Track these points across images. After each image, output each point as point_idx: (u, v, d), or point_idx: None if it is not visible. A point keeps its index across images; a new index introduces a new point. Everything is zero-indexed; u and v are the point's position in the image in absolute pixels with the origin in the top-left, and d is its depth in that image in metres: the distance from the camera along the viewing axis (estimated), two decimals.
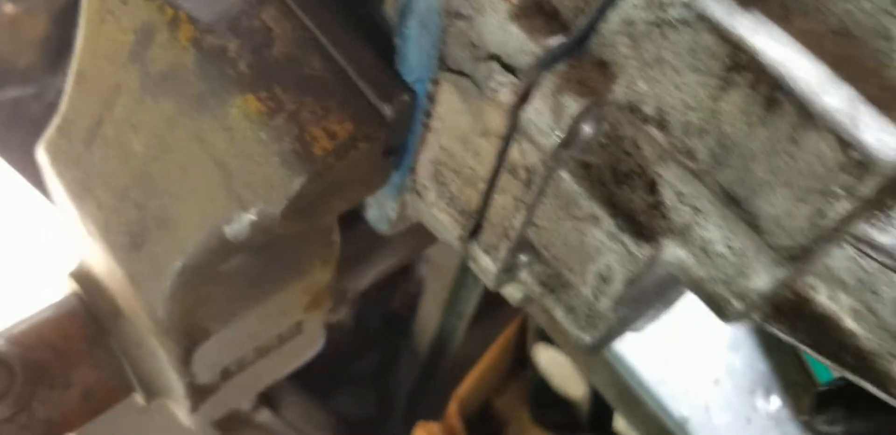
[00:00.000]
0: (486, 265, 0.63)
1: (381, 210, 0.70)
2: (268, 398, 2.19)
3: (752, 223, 0.46)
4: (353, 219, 0.76)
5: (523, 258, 0.63)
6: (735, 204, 0.46)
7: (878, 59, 0.43)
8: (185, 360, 0.70)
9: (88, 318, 0.76)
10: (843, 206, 0.42)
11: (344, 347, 2.37)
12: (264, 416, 2.13)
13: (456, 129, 0.57)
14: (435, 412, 1.97)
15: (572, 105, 0.47)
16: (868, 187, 0.42)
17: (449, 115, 0.57)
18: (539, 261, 0.62)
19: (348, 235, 0.80)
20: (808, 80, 0.43)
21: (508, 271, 0.64)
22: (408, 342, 2.31)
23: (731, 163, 0.46)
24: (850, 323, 0.50)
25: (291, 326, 0.78)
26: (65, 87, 0.67)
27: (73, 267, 0.79)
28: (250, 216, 0.58)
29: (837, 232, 0.44)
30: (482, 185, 0.59)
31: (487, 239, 0.62)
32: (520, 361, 2.02)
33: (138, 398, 0.81)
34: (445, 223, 0.65)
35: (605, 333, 0.63)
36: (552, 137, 0.49)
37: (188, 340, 0.68)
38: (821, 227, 0.43)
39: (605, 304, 0.57)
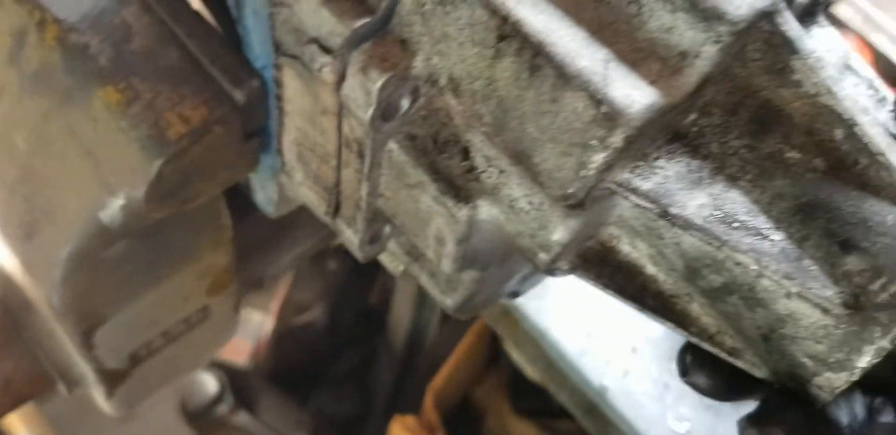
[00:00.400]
0: (350, 237, 0.68)
1: (264, 192, 0.75)
2: (245, 400, 2.23)
3: (536, 179, 0.51)
4: (254, 205, 0.80)
5: (387, 229, 0.68)
6: (521, 162, 0.51)
7: (631, 22, 0.48)
8: (86, 344, 0.74)
9: (2, 311, 0.81)
10: (599, 157, 0.47)
11: (321, 346, 2.41)
12: (242, 418, 2.18)
13: (303, 110, 0.62)
14: (415, 407, 2.00)
15: (376, 79, 0.52)
16: (618, 138, 0.46)
17: (295, 98, 0.62)
18: (398, 231, 0.67)
19: (252, 222, 0.84)
20: (565, 45, 0.47)
21: (373, 242, 0.68)
22: (384, 338, 2.35)
23: (511, 124, 0.50)
24: (651, 268, 0.55)
25: (197, 311, 0.83)
26: None
27: None
28: (119, 201, 0.63)
29: (601, 181, 0.48)
30: (333, 162, 0.63)
31: (346, 212, 0.67)
32: (495, 350, 2.06)
33: (61, 388, 0.85)
34: (314, 201, 0.70)
35: (465, 296, 0.67)
36: (367, 111, 0.54)
37: (85, 324, 0.73)
38: (585, 177, 0.48)
39: (447, 265, 0.62)
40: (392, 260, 0.73)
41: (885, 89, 0.54)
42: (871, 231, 0.46)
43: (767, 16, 0.46)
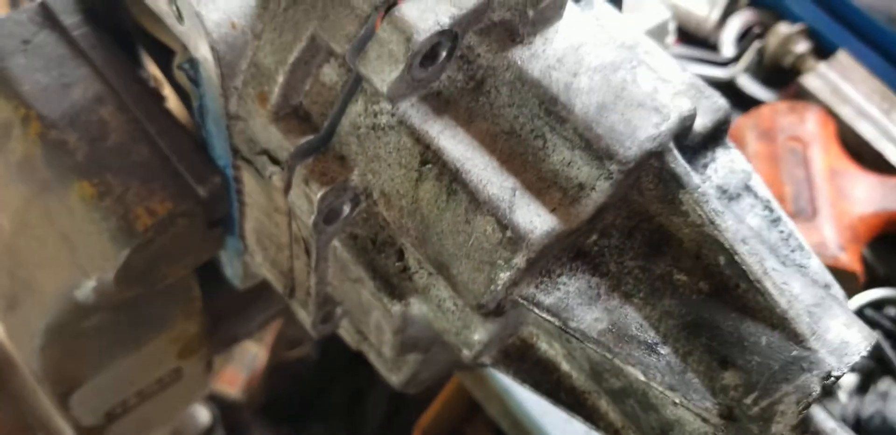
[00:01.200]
0: (304, 317, 0.74)
1: (232, 268, 0.81)
2: (237, 432, 2.28)
3: (454, 287, 0.56)
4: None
5: (339, 311, 0.74)
6: (442, 272, 0.57)
7: (537, 154, 0.54)
8: (63, 405, 0.80)
9: None
10: (505, 275, 0.52)
11: (311, 380, 2.45)
12: None
13: (260, 205, 0.68)
14: None
15: (317, 191, 0.58)
16: (520, 260, 0.52)
17: (253, 194, 0.68)
18: (348, 314, 0.73)
19: (224, 290, 0.90)
20: (478, 172, 0.53)
21: (325, 322, 0.74)
22: (374, 375, 2.39)
23: (432, 239, 0.56)
24: (565, 365, 0.60)
25: (169, 373, 0.89)
26: None
27: None
28: (91, 283, 0.69)
29: (509, 294, 0.54)
30: (286, 251, 0.69)
31: (300, 295, 0.72)
32: None
33: None
34: (273, 281, 0.75)
35: (409, 375, 0.73)
36: (309, 216, 0.60)
37: (62, 388, 0.79)
38: (494, 291, 0.53)
39: (388, 351, 0.67)
40: (348, 336, 0.79)
41: (778, 209, 0.59)
42: (746, 350, 0.51)
43: (655, 155, 0.52)
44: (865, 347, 0.52)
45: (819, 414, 0.53)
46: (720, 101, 0.59)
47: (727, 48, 1.54)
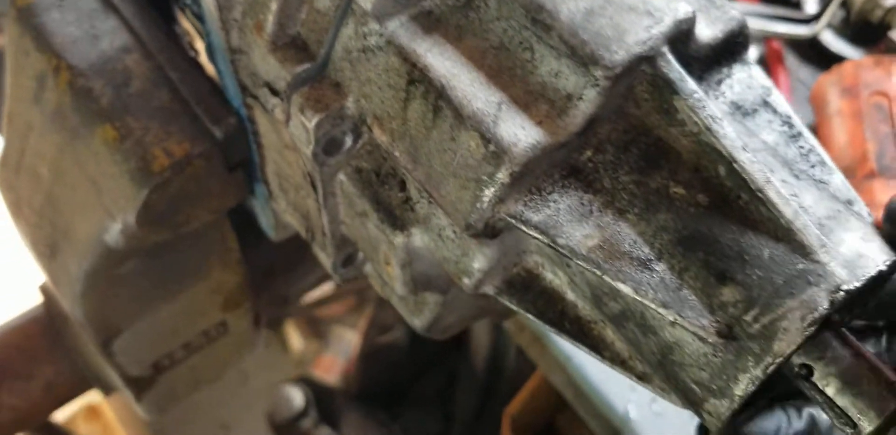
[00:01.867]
0: (324, 261, 0.73)
1: (265, 218, 0.82)
2: (329, 415, 2.31)
3: (445, 210, 0.55)
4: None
5: (361, 254, 0.73)
6: (432, 194, 0.55)
7: (525, 67, 0.51)
8: (106, 352, 0.82)
9: (48, 323, 0.90)
10: (490, 191, 0.51)
11: (403, 366, 2.47)
12: (324, 432, 2.26)
13: (274, 144, 0.68)
14: (496, 431, 2.02)
15: (311, 118, 0.57)
16: (504, 174, 0.50)
17: (266, 133, 0.68)
18: (365, 255, 0.72)
19: (272, 245, 0.91)
20: (464, 88, 0.52)
21: (346, 265, 0.73)
22: (465, 362, 2.38)
23: (422, 160, 0.54)
24: (570, 295, 0.58)
25: (215, 325, 0.90)
26: (2, 126, 0.82)
27: (41, 280, 0.93)
28: (118, 225, 0.70)
29: (496, 213, 0.52)
30: (302, 192, 0.69)
31: (318, 237, 0.72)
32: None
33: (98, 391, 0.94)
34: (297, 226, 0.75)
35: (432, 318, 0.71)
36: (308, 147, 0.59)
37: (104, 334, 0.81)
38: (481, 209, 0.51)
39: (399, 288, 0.66)
40: (375, 283, 0.78)
41: (800, 126, 0.55)
42: (747, 264, 0.48)
43: (647, 60, 0.49)
44: (884, 260, 0.48)
45: (833, 341, 0.48)
46: (733, 12, 0.55)
47: (810, 5, 1.46)
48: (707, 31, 0.54)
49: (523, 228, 0.51)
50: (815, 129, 1.34)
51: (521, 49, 0.52)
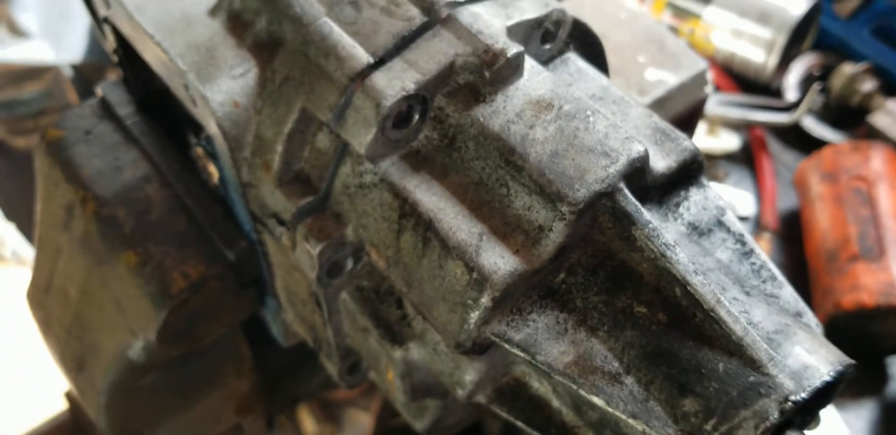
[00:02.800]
0: (331, 369, 0.79)
1: (276, 327, 0.88)
2: None
3: (437, 329, 0.61)
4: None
5: (365, 362, 0.79)
6: (426, 315, 0.61)
7: (502, 201, 0.58)
8: None
9: (75, 428, 0.95)
10: (475, 314, 0.57)
11: None
12: None
13: (282, 264, 0.75)
14: None
15: (315, 246, 0.64)
16: (486, 299, 0.56)
17: (275, 254, 0.75)
18: (369, 365, 0.78)
19: (281, 349, 0.97)
20: (449, 221, 0.58)
21: (352, 373, 0.79)
22: None
23: (414, 285, 0.61)
24: (555, 402, 0.63)
25: (231, 429, 0.95)
26: (34, 251, 0.89)
27: (66, 388, 0.99)
28: (140, 342, 0.76)
29: (482, 332, 0.58)
30: (309, 306, 0.75)
31: (324, 348, 0.78)
32: None
33: None
34: (305, 336, 0.81)
35: (432, 420, 0.77)
36: (312, 271, 0.66)
37: None
38: (468, 329, 0.57)
39: (400, 396, 0.72)
40: (381, 388, 0.83)
41: (752, 243, 0.62)
42: (704, 377, 0.53)
43: (606, 195, 0.55)
44: (829, 371, 0.53)
45: None
46: (685, 143, 0.62)
47: (790, 93, 1.55)
48: (662, 163, 0.61)
49: (506, 346, 0.57)
50: (800, 213, 1.40)
51: (498, 185, 0.58)
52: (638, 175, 0.58)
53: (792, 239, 1.41)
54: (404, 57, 0.60)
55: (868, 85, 1.50)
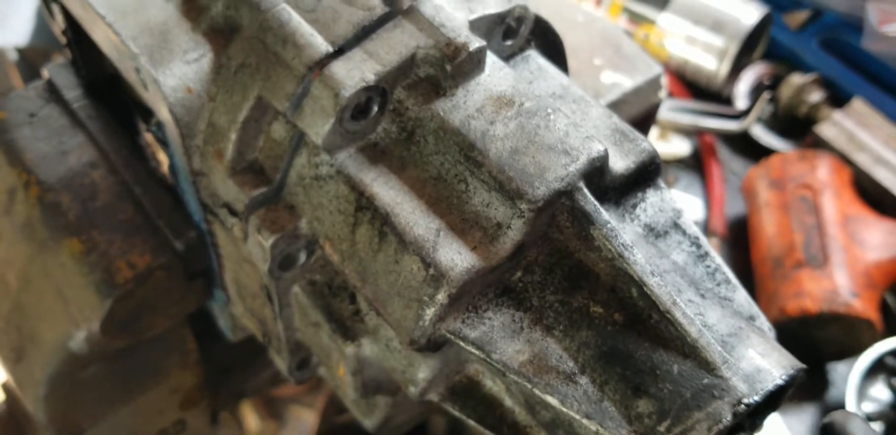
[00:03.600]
0: (280, 364, 0.77)
1: (223, 320, 0.86)
2: None
3: (391, 325, 0.60)
4: None
5: (315, 358, 0.77)
6: (379, 311, 0.60)
7: (461, 197, 0.57)
8: None
9: (10, 420, 0.92)
10: (431, 311, 0.56)
11: None
12: None
13: (232, 256, 0.73)
14: None
15: (267, 238, 0.62)
16: (443, 296, 0.55)
17: (225, 245, 0.73)
18: (319, 360, 0.76)
19: (230, 344, 0.95)
20: (406, 216, 0.57)
21: (301, 368, 0.78)
22: None
23: (369, 280, 0.60)
24: (508, 401, 0.63)
25: (174, 424, 0.93)
26: None
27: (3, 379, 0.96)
28: (82, 333, 0.74)
29: (437, 329, 0.57)
30: (259, 300, 0.74)
31: (274, 343, 0.76)
32: None
33: None
34: (253, 329, 0.80)
35: (382, 418, 0.76)
36: (264, 263, 0.64)
37: None
38: (423, 326, 0.57)
39: (350, 392, 0.71)
40: (330, 384, 0.82)
41: (706, 246, 0.62)
42: (659, 378, 0.53)
43: (565, 194, 0.55)
44: (781, 374, 0.53)
45: None
46: (644, 145, 0.62)
47: (741, 101, 1.57)
48: (621, 163, 0.60)
49: (461, 343, 0.57)
50: (747, 219, 1.42)
51: (456, 181, 0.58)
52: (597, 174, 0.57)
53: (739, 245, 1.42)
54: (364, 47, 0.59)
55: (815, 96, 1.52)
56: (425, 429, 2.40)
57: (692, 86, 1.59)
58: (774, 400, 0.55)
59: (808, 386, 1.30)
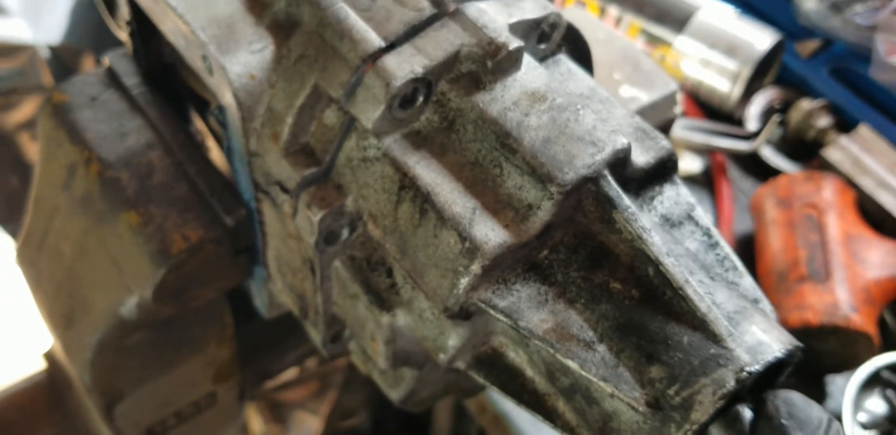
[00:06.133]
0: (315, 337, 0.83)
1: (260, 297, 0.92)
2: None
3: (426, 294, 0.65)
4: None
5: (347, 332, 0.83)
6: (417, 281, 0.66)
7: (495, 181, 0.63)
8: (108, 416, 0.90)
9: (51, 388, 0.98)
10: (465, 280, 0.62)
11: None
12: None
13: (277, 233, 0.79)
14: None
15: (316, 213, 0.69)
16: (477, 266, 0.61)
17: (271, 223, 0.79)
18: (352, 333, 0.82)
19: (259, 324, 1.01)
20: (445, 195, 0.63)
21: (335, 341, 0.83)
22: None
23: (408, 252, 0.66)
24: (529, 371, 0.68)
25: (205, 396, 0.98)
26: (26, 208, 0.92)
27: (45, 348, 1.02)
28: (134, 299, 0.80)
29: (469, 298, 0.63)
30: (300, 275, 0.79)
31: (311, 316, 0.82)
32: None
33: None
34: (291, 306, 0.85)
35: (408, 390, 0.81)
36: (311, 236, 0.70)
37: (108, 399, 0.89)
38: (457, 294, 0.62)
39: (381, 362, 0.76)
40: (357, 361, 0.88)
41: (717, 236, 0.68)
42: (670, 348, 0.59)
43: (591, 180, 0.61)
44: (780, 349, 0.59)
45: (745, 412, 0.59)
46: (663, 142, 0.68)
47: (751, 123, 1.63)
48: (642, 158, 0.66)
49: (491, 311, 0.62)
50: (754, 235, 1.47)
51: (492, 166, 0.64)
52: (620, 165, 0.63)
53: (745, 259, 1.46)
54: (414, 43, 0.66)
55: (823, 121, 1.59)
56: (429, 430, 2.44)
57: (705, 106, 1.65)
58: (774, 374, 0.61)
59: (808, 396, 1.34)
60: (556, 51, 0.73)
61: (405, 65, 0.64)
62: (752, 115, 1.63)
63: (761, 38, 1.58)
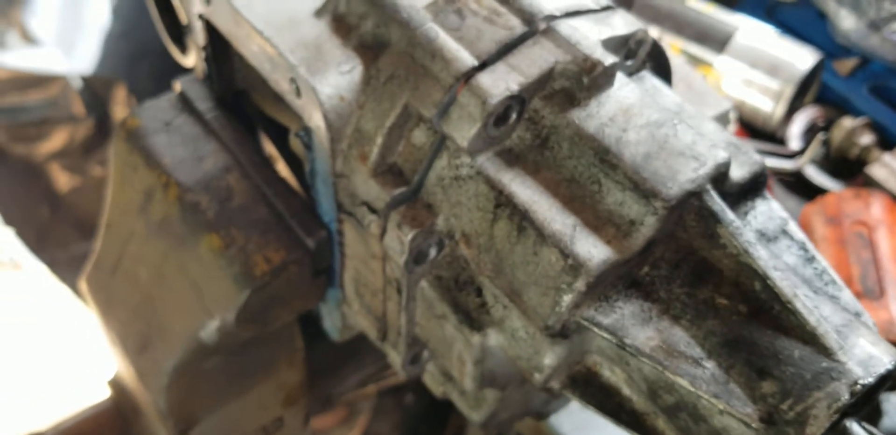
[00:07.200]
0: (394, 359, 0.83)
1: (331, 320, 0.91)
2: None
3: (525, 312, 0.65)
4: (324, 333, 0.96)
5: (426, 353, 0.83)
6: (514, 299, 0.66)
7: (594, 197, 0.63)
8: None
9: (117, 415, 0.98)
10: (568, 298, 0.61)
11: None
12: None
13: (358, 254, 0.79)
14: None
15: (408, 233, 0.68)
16: (581, 284, 0.61)
17: (352, 244, 0.79)
18: (433, 354, 0.82)
19: (323, 347, 1.00)
20: (543, 212, 0.63)
21: (414, 363, 0.83)
22: None
23: (505, 270, 0.65)
24: (626, 390, 0.68)
25: (274, 420, 0.98)
26: (97, 233, 0.93)
27: (110, 375, 1.01)
28: (216, 322, 0.80)
29: (572, 316, 0.62)
30: (380, 296, 0.79)
31: (391, 337, 0.82)
32: None
33: None
34: (368, 328, 0.85)
35: (489, 412, 0.81)
36: (401, 256, 0.70)
37: (183, 425, 0.89)
38: (559, 312, 0.62)
39: (468, 383, 0.76)
40: (433, 382, 0.87)
41: (813, 250, 0.67)
42: (781, 362, 0.58)
43: (695, 195, 0.61)
44: (890, 361, 0.59)
45: (854, 427, 0.59)
46: (756, 157, 0.68)
47: (794, 142, 1.63)
48: (737, 172, 0.66)
49: (595, 329, 0.62)
50: None
51: (590, 182, 0.64)
52: (721, 179, 0.63)
53: None
54: (507, 61, 0.66)
55: (866, 138, 1.59)
56: None
57: (747, 126, 1.65)
58: (881, 385, 0.60)
59: (863, 415, 1.33)
60: (640, 67, 0.73)
61: (500, 82, 0.64)
62: (794, 134, 1.63)
63: (803, 57, 1.58)
